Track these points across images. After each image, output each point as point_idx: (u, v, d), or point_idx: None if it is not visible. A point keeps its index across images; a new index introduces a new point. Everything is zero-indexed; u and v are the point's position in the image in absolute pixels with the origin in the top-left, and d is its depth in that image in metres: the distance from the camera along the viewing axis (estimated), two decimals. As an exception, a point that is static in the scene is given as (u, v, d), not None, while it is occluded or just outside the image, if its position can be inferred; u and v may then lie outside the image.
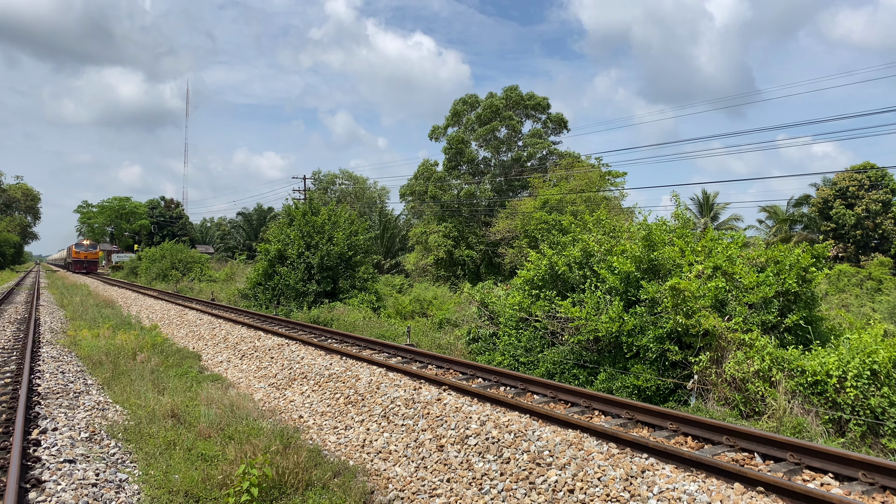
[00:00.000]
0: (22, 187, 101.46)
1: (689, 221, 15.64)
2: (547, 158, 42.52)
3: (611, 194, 33.02)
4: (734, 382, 10.45)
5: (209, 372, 13.05)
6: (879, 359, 9.26)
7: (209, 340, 16.36)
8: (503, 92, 43.32)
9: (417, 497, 6.55)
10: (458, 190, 43.70)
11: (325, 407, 9.64)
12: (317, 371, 11.19)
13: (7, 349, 14.25)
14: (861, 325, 11.45)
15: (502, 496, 6.11)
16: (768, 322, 11.42)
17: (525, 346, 14.63)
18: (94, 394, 10.34)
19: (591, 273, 14.43)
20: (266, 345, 14.10)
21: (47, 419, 8.40)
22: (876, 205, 40.15)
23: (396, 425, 8.18)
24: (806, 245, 12.22)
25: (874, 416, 8.98)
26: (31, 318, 19.81)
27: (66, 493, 5.95)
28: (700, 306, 11.33)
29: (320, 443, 8.28)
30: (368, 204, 61.26)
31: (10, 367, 11.84)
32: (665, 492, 5.47)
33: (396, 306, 27.38)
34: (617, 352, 12.75)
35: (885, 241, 40.35)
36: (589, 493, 5.73)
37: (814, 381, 9.65)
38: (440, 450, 7.24)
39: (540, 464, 6.34)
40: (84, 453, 7.15)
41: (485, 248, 41.17)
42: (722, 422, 7.82)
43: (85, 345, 14.59)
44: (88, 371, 12.33)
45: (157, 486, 6.39)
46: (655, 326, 11.86)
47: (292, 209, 29.59)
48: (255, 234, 74.09)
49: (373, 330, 19.35)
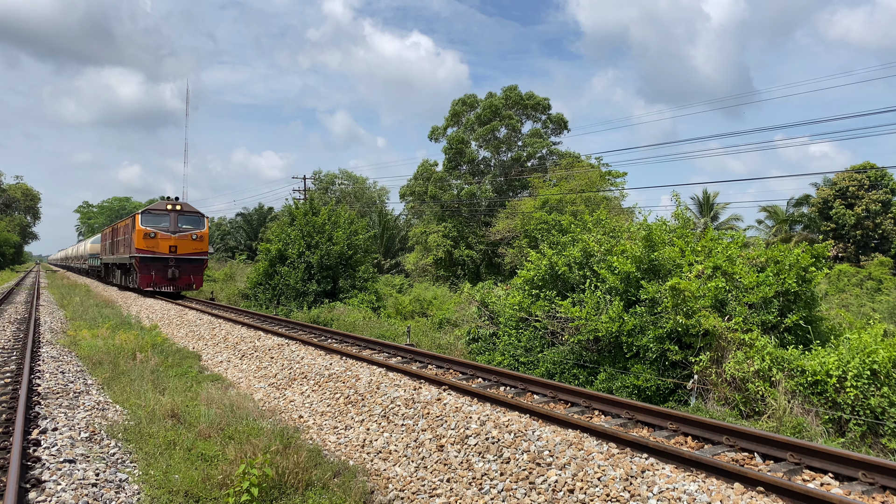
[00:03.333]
0: (22, 187, 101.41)
1: (689, 221, 15.64)
2: (547, 158, 42.52)
3: (611, 194, 33.02)
4: (734, 382, 10.45)
5: (209, 372, 13.05)
6: (879, 359, 9.26)
7: (209, 340, 16.36)
8: (503, 92, 43.32)
9: (417, 497, 6.55)
10: (458, 190, 43.70)
11: (325, 407, 9.64)
12: (317, 371, 11.19)
13: (7, 349, 14.25)
14: (861, 325, 11.45)
15: (502, 496, 6.11)
16: (768, 322, 11.41)
17: (525, 346, 14.63)
18: (94, 394, 10.34)
19: (591, 273, 14.43)
20: (266, 345, 14.10)
21: (47, 419, 8.40)
22: (876, 205, 40.15)
23: (396, 425, 8.18)
24: (806, 245, 12.22)
25: (874, 416, 8.98)
26: (30, 318, 19.81)
27: (66, 493, 5.95)
28: (700, 306, 11.33)
29: (320, 443, 8.28)
30: (368, 204, 61.25)
31: (10, 367, 11.84)
32: (665, 492, 5.47)
33: (396, 306, 27.40)
34: (617, 352, 12.75)
35: (885, 241, 40.35)
36: (589, 493, 5.73)
37: (814, 380, 9.65)
38: (440, 450, 7.24)
39: (540, 464, 6.34)
40: (84, 453, 7.15)
41: (485, 248, 41.17)
42: (722, 422, 7.82)
43: (85, 345, 14.59)
44: (88, 371, 12.33)
45: (157, 486, 6.38)
46: (655, 326, 11.86)
47: (293, 209, 29.64)
48: (255, 235, 74.01)
49: (373, 330, 19.35)
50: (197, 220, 28.06)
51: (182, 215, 27.43)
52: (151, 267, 26.64)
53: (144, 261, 26.61)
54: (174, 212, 27.35)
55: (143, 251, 26.45)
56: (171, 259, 26.83)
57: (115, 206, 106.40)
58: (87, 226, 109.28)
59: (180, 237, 27.15)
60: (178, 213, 27.43)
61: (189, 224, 27.64)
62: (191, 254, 27.36)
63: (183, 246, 27.11)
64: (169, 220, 27.17)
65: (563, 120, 43.82)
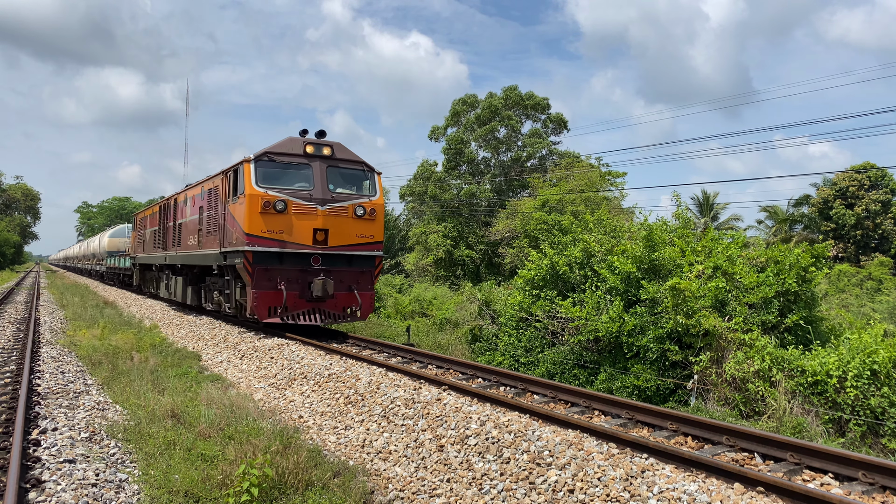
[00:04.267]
0: (22, 187, 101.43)
1: (689, 221, 15.66)
2: (546, 158, 42.52)
3: (610, 194, 33.03)
4: (734, 382, 10.45)
5: (209, 372, 13.05)
6: (879, 359, 9.27)
7: (209, 340, 16.37)
8: (502, 92, 43.32)
9: (417, 497, 6.55)
10: (458, 190, 43.70)
11: (325, 407, 9.64)
12: (317, 371, 11.19)
13: (7, 349, 14.26)
14: (861, 325, 11.46)
15: (502, 496, 6.11)
16: (768, 322, 11.42)
17: (525, 346, 14.64)
18: (94, 394, 10.34)
19: (591, 273, 14.43)
20: (266, 345, 14.10)
21: (47, 419, 8.40)
22: (876, 205, 40.15)
23: (396, 425, 8.18)
24: (806, 245, 12.24)
25: (874, 416, 8.98)
26: (30, 318, 19.81)
27: (66, 493, 5.95)
28: (700, 306, 11.34)
29: (320, 443, 8.28)
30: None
31: (10, 367, 11.84)
32: (665, 492, 5.47)
33: (396, 306, 27.39)
34: (617, 352, 12.75)
35: (885, 241, 40.34)
36: (589, 493, 5.73)
37: (814, 381, 9.66)
38: (440, 450, 7.24)
39: (540, 464, 6.34)
40: (84, 453, 7.15)
41: (485, 248, 41.16)
42: (722, 422, 7.81)
43: (85, 345, 14.59)
44: (88, 371, 12.34)
45: (157, 486, 6.38)
46: (656, 326, 11.87)
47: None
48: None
49: (372, 330, 19.35)
50: (360, 176, 14.81)
51: (334, 166, 14.40)
52: (277, 273, 13.69)
53: (263, 260, 13.59)
54: (319, 158, 14.12)
55: (258, 240, 13.46)
56: (315, 256, 13.93)
57: (116, 206, 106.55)
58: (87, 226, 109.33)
59: (333, 212, 13.99)
60: (328, 163, 14.23)
61: (347, 184, 14.64)
62: (354, 247, 14.29)
63: (339, 230, 14.05)
64: (311, 175, 14.00)
65: (562, 120, 43.82)
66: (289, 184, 13.84)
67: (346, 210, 14.08)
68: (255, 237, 13.41)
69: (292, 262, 13.73)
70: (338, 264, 14.09)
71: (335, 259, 14.07)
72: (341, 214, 14.02)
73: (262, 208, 13.32)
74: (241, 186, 13.81)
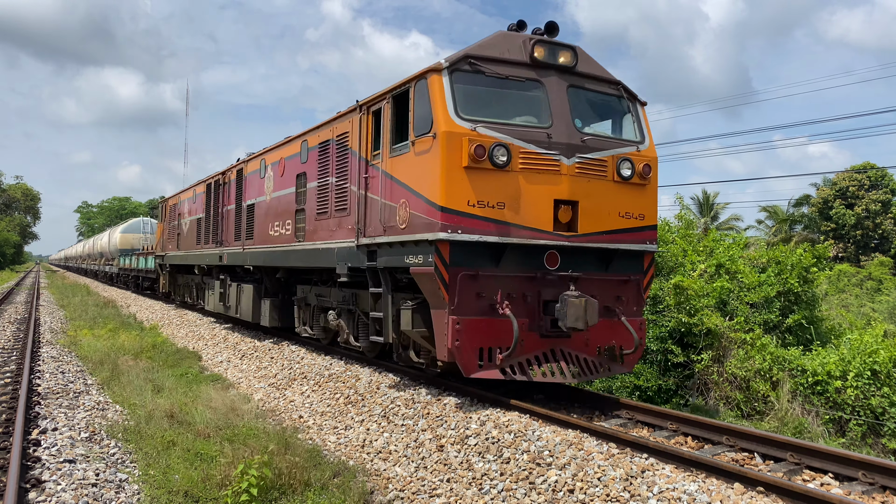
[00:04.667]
0: (22, 187, 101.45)
1: (692, 223, 15.69)
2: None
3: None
4: (735, 382, 10.45)
5: (209, 372, 13.05)
6: (880, 359, 9.27)
7: (209, 340, 16.36)
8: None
9: (417, 497, 6.54)
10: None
11: (324, 407, 9.63)
12: (317, 371, 11.18)
13: (7, 349, 14.26)
14: (861, 326, 11.47)
15: (502, 496, 6.10)
16: (770, 322, 11.43)
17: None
18: (94, 394, 10.34)
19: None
20: (266, 344, 14.09)
21: (47, 419, 8.40)
22: (876, 205, 40.14)
23: (396, 425, 8.17)
24: (807, 245, 12.25)
25: (874, 415, 8.98)
26: (30, 318, 19.81)
27: (66, 493, 5.95)
28: (703, 305, 11.34)
29: (320, 443, 8.27)
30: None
31: (10, 367, 11.84)
32: (665, 492, 5.47)
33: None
34: (617, 352, 12.74)
35: (885, 241, 40.34)
36: (589, 493, 5.72)
37: (815, 380, 9.66)
38: (440, 450, 7.23)
39: (540, 464, 6.33)
40: (84, 453, 7.15)
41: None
42: (722, 422, 7.81)
43: (85, 345, 14.59)
44: (88, 371, 12.33)
45: (157, 486, 6.38)
46: (657, 325, 11.86)
47: None
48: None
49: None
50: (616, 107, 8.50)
51: (578, 86, 8.10)
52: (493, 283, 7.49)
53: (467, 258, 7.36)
54: (556, 71, 7.86)
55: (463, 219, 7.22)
56: (553, 252, 7.73)
57: (116, 206, 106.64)
58: (87, 226, 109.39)
59: (585, 169, 7.74)
60: (569, 80, 7.96)
61: (599, 119, 8.69)
62: (617, 234, 8.01)
63: (595, 203, 7.80)
64: (543, 100, 7.78)
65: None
66: (506, 115, 7.80)
67: (604, 166, 7.91)
68: (456, 214, 7.22)
69: (515, 263, 7.66)
70: (587, 266, 7.99)
71: (584, 257, 7.99)
72: (598, 175, 7.85)
73: (470, 160, 7.15)
74: (424, 120, 7.62)
